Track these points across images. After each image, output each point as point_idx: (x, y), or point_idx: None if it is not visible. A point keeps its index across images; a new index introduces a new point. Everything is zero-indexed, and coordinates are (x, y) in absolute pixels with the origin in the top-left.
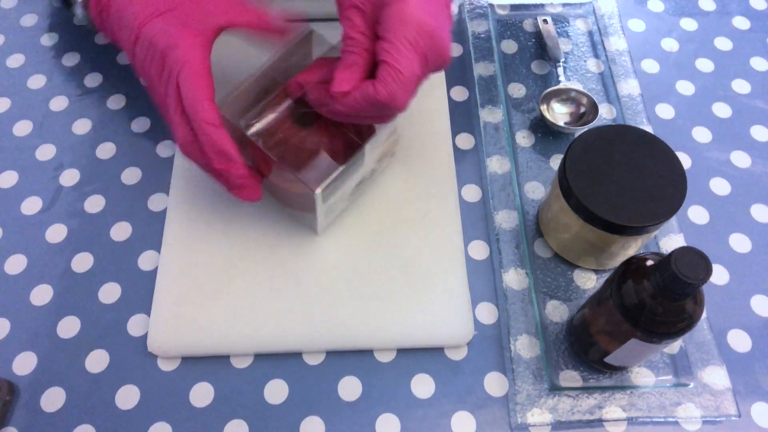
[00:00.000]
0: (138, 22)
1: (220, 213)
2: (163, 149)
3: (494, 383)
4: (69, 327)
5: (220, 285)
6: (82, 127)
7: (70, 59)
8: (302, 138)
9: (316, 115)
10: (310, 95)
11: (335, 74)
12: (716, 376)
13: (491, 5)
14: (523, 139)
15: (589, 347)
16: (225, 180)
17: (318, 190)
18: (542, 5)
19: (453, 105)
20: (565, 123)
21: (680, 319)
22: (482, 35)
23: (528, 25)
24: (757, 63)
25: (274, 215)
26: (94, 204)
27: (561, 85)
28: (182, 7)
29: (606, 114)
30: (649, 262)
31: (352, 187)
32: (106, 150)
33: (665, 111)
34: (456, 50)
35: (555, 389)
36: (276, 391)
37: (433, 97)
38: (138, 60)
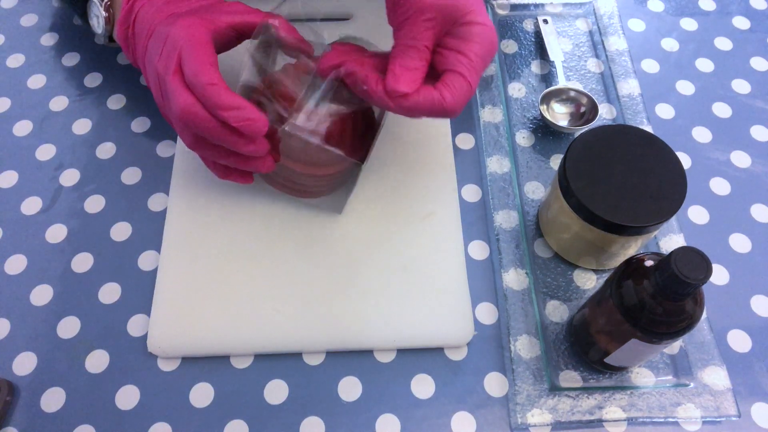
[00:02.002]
0: (152, 24)
1: (221, 213)
2: (163, 149)
3: (494, 383)
4: (69, 327)
5: (220, 285)
6: (82, 127)
7: (70, 59)
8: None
9: (332, 97)
10: (367, 85)
11: (397, 73)
12: (716, 377)
13: (491, 5)
14: (523, 139)
15: (589, 347)
16: (236, 141)
17: (364, 163)
18: (542, 5)
19: None
20: (565, 123)
21: (680, 319)
22: None
23: (528, 25)
24: (757, 63)
25: (274, 216)
26: (94, 204)
27: (561, 85)
28: (195, 9)
29: (606, 114)
30: (649, 262)
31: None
32: (106, 150)
33: (665, 111)
34: None
35: (555, 389)
36: (276, 392)
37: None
38: (148, 55)
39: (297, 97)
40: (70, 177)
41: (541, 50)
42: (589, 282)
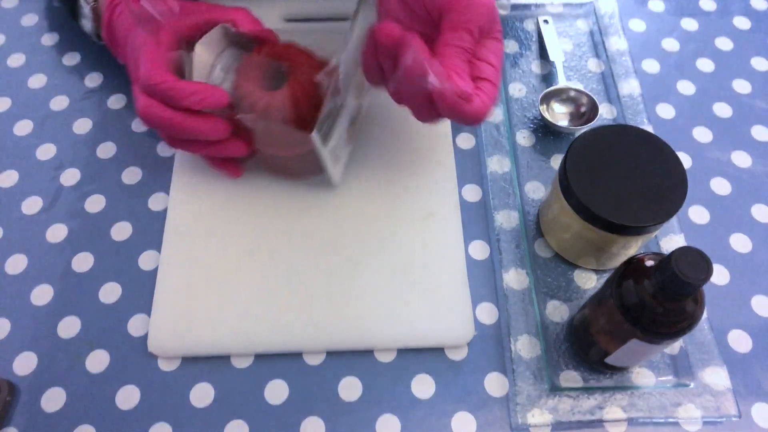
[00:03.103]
0: (127, 29)
1: (221, 213)
2: (164, 149)
3: (494, 383)
4: (69, 327)
5: (220, 285)
6: (82, 126)
7: (71, 59)
8: (272, 99)
9: (283, 76)
10: (441, 82)
11: (463, 78)
12: (717, 377)
13: None
14: (524, 138)
15: (589, 347)
16: (195, 126)
17: (313, 133)
18: (543, 5)
19: None
20: (565, 123)
21: (681, 319)
22: None
23: (528, 25)
24: (758, 63)
25: (275, 216)
26: (95, 204)
27: (561, 85)
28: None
29: (606, 114)
30: (650, 262)
31: (346, 128)
32: (106, 150)
33: (666, 111)
34: None
35: (555, 389)
36: (276, 392)
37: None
38: (127, 60)
39: (252, 85)
40: (70, 177)
41: (541, 50)
42: (589, 282)
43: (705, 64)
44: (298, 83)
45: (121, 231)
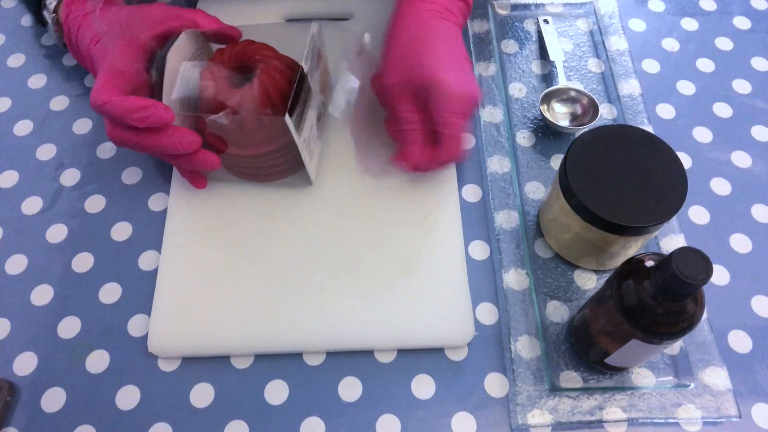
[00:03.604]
0: (90, 46)
1: (221, 213)
2: None
3: (495, 384)
4: (69, 327)
5: (220, 285)
6: (82, 126)
7: (71, 59)
8: (242, 96)
9: (249, 73)
10: (404, 163)
11: (412, 152)
12: (717, 377)
13: (491, 5)
14: (524, 139)
15: (589, 348)
16: (157, 144)
17: (287, 116)
18: (543, 5)
19: None
20: (566, 123)
21: (681, 320)
22: (482, 35)
23: (528, 25)
24: (758, 63)
25: (275, 216)
26: (95, 204)
27: (561, 85)
28: (122, 25)
29: (606, 114)
30: (650, 263)
31: (315, 121)
32: (106, 150)
33: (666, 111)
34: None
35: (555, 390)
36: (276, 392)
37: None
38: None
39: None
40: (70, 177)
41: (541, 50)
42: (589, 282)
43: (705, 64)
44: (267, 76)
45: (121, 231)
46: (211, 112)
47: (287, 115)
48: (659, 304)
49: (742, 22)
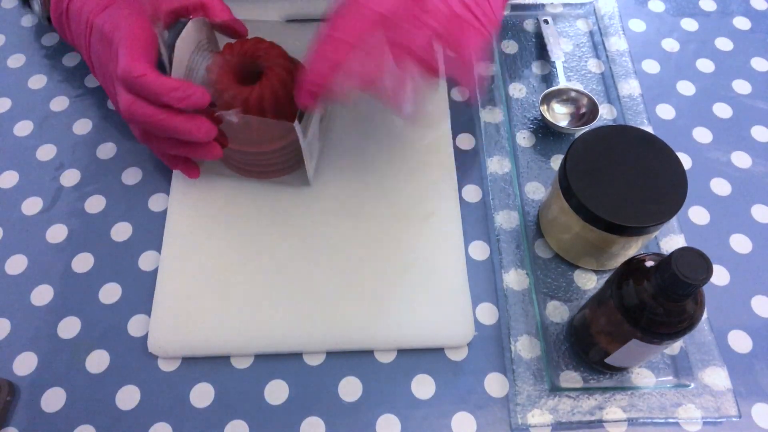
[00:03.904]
0: (91, 15)
1: (221, 213)
2: None
3: (495, 384)
4: (69, 327)
5: (220, 285)
6: (82, 127)
7: (70, 59)
8: (250, 93)
9: (256, 71)
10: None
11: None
12: (717, 377)
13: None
14: (524, 139)
15: (589, 348)
16: (181, 128)
17: (296, 123)
18: (542, 5)
19: (453, 105)
20: (566, 123)
21: (681, 320)
22: None
23: (528, 25)
24: (758, 63)
25: (275, 216)
26: (95, 204)
27: (561, 86)
28: None
29: (606, 114)
30: (650, 263)
31: (318, 123)
32: (106, 150)
33: (666, 111)
34: None
35: (555, 390)
36: (276, 392)
37: (433, 98)
38: (93, 51)
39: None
40: (70, 177)
41: (541, 50)
42: (589, 282)
43: (705, 65)
44: (276, 76)
45: (121, 231)
46: (220, 107)
47: (296, 122)
48: (659, 304)
49: (742, 23)
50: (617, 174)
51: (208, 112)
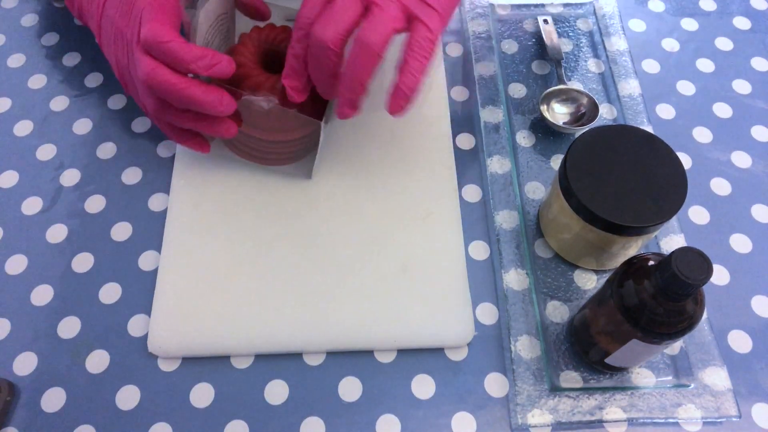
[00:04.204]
0: None
1: (221, 213)
2: (164, 149)
3: (495, 384)
4: (69, 327)
5: (220, 285)
6: (82, 127)
7: (70, 59)
8: (276, 82)
9: (279, 58)
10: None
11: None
12: (717, 377)
13: (491, 5)
14: (524, 139)
15: (589, 348)
16: (202, 99)
17: (322, 123)
18: (542, 5)
19: (453, 105)
20: (566, 123)
21: (681, 320)
22: (482, 35)
23: (528, 25)
24: (758, 63)
25: (276, 216)
26: (95, 204)
27: (561, 86)
28: None
29: (606, 114)
30: (650, 263)
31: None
32: (106, 150)
33: (666, 111)
34: (456, 50)
35: (555, 390)
36: (276, 392)
37: (433, 97)
38: (107, 16)
39: (252, 67)
40: (70, 177)
41: (541, 50)
42: (589, 282)
43: (705, 64)
44: None
45: (121, 231)
46: (243, 89)
47: (323, 122)
48: (659, 304)
49: (742, 23)
50: (617, 174)
51: (232, 92)
